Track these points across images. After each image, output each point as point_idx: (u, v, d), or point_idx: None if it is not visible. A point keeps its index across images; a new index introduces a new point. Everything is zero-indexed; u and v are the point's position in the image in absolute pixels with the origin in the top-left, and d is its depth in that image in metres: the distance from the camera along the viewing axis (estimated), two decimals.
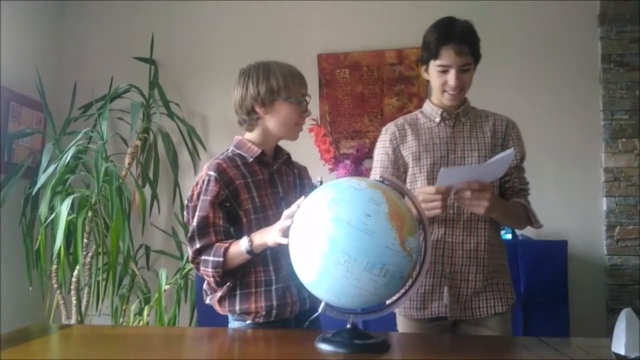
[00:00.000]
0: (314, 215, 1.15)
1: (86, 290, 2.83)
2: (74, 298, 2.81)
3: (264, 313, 1.50)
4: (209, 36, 3.30)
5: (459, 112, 1.71)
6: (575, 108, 3.00)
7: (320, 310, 1.22)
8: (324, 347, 1.18)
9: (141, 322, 2.73)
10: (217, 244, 1.48)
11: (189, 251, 1.53)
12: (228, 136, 3.38)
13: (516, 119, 1.69)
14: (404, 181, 1.71)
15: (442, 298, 1.62)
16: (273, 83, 1.56)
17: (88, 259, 2.83)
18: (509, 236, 2.71)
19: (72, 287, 2.81)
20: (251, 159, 1.57)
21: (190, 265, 2.83)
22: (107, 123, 2.89)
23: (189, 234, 1.52)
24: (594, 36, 3.06)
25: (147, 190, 3.02)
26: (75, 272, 2.79)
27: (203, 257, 1.48)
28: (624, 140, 2.97)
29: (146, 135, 3.09)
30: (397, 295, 1.23)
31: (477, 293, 1.63)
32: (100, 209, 2.82)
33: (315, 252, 1.11)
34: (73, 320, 2.81)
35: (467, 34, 1.63)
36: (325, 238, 1.09)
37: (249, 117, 1.60)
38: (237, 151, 1.60)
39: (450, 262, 1.63)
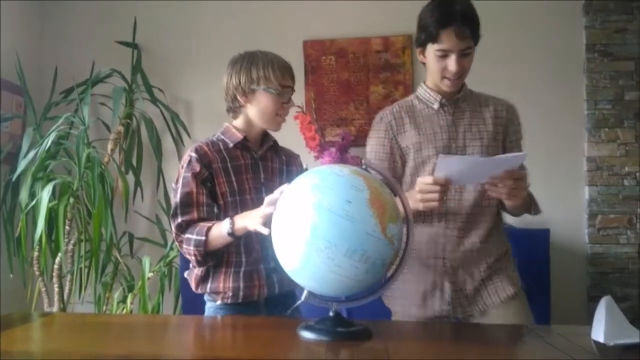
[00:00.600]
0: (296, 202, 1.15)
1: (68, 277, 2.80)
2: (56, 286, 2.78)
3: (230, 294, 1.54)
4: (194, 21, 3.25)
5: (459, 98, 1.63)
6: (559, 97, 3.02)
7: (302, 298, 1.22)
8: (306, 334, 1.18)
9: (124, 310, 2.71)
10: (201, 223, 1.50)
11: (172, 228, 1.54)
12: (212, 123, 3.35)
13: None
14: (403, 173, 1.64)
15: (443, 296, 1.55)
16: (254, 73, 1.59)
17: (70, 246, 2.80)
18: None
19: (54, 274, 2.78)
20: (232, 145, 1.61)
21: (175, 253, 2.85)
22: (88, 108, 2.85)
23: (171, 210, 1.55)
24: (579, 26, 3.07)
25: (130, 177, 2.99)
26: (57, 260, 2.76)
27: (186, 235, 1.50)
28: (606, 129, 2.99)
29: (129, 121, 3.05)
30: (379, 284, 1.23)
31: (483, 282, 1.56)
32: (82, 196, 2.78)
33: (297, 239, 1.11)
34: (55, 308, 2.79)
35: (468, 14, 1.53)
36: (306, 224, 1.09)
37: (233, 105, 1.65)
38: (222, 137, 1.65)
39: (452, 257, 1.56)
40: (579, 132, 3.02)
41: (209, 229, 1.47)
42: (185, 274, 1.65)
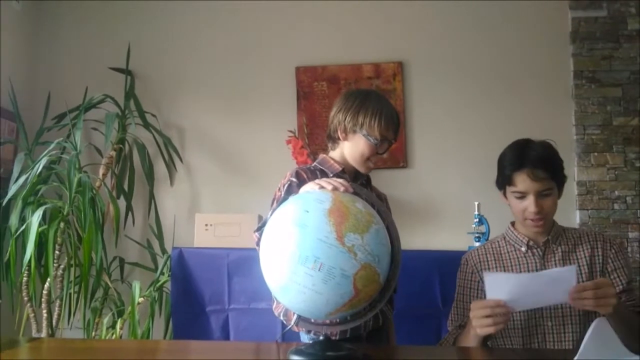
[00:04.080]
0: (272, 221, 1.20)
1: (57, 303, 2.76)
2: (44, 311, 2.73)
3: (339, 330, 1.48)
4: (187, 47, 3.28)
5: (549, 239, 1.57)
6: (549, 123, 3.05)
7: (292, 322, 1.22)
8: (296, 358, 1.17)
9: (114, 336, 2.67)
10: None
11: (255, 238, 1.50)
12: (204, 147, 3.40)
13: (490, 133, 1.71)
14: None
15: None
16: (360, 117, 1.61)
17: (60, 271, 2.77)
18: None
19: (43, 300, 2.74)
20: (331, 175, 1.61)
21: (165, 278, 2.83)
22: (81, 133, 2.85)
23: (260, 224, 1.50)
24: (566, 53, 3.13)
25: (122, 202, 2.98)
26: (47, 285, 2.73)
27: None
28: (595, 154, 3.03)
29: (121, 146, 3.05)
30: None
31: None
32: (73, 221, 2.77)
33: (271, 256, 1.15)
34: (44, 334, 2.74)
35: (543, 157, 1.51)
36: (272, 239, 1.15)
37: (333, 136, 1.69)
38: (320, 166, 1.68)
39: None
40: (568, 157, 3.04)
41: None
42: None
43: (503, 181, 1.56)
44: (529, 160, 1.49)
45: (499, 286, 1.33)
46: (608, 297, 1.31)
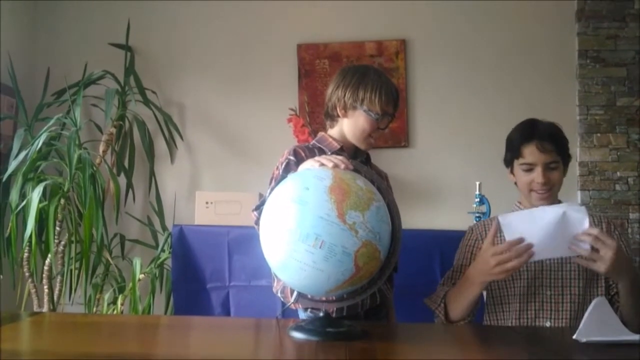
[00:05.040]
0: (272, 198, 1.19)
1: (59, 279, 2.78)
2: (45, 287, 2.75)
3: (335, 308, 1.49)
4: (187, 24, 3.25)
5: None
6: (552, 102, 3.03)
7: (292, 299, 1.22)
8: (297, 335, 1.18)
9: (115, 312, 2.69)
10: None
11: (254, 217, 1.49)
12: (205, 125, 3.38)
13: (492, 112, 1.71)
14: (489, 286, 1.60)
15: None
16: (360, 93, 1.59)
17: (61, 248, 2.78)
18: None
19: (44, 275, 2.75)
20: (330, 153, 1.58)
21: (166, 255, 2.84)
22: (80, 109, 2.83)
23: (259, 202, 1.49)
24: (571, 32, 3.09)
25: (122, 179, 2.98)
26: (47, 261, 2.74)
27: None
28: (598, 135, 3.01)
29: (121, 122, 3.04)
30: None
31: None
32: (74, 197, 2.77)
33: (270, 232, 1.14)
34: (45, 309, 2.76)
35: (550, 131, 1.58)
36: (272, 216, 1.15)
37: (331, 113, 1.67)
38: (318, 145, 1.66)
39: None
40: (571, 138, 2.95)
41: None
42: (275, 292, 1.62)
43: (512, 156, 1.61)
44: (538, 133, 1.55)
45: (514, 228, 1.37)
46: (607, 249, 1.32)
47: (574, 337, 1.13)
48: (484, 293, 1.64)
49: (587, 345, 1.12)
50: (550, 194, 1.58)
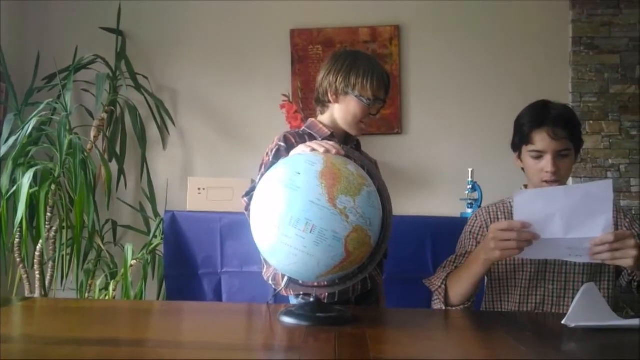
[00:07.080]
0: (262, 183, 1.18)
1: (50, 264, 2.77)
2: (37, 273, 2.75)
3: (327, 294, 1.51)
4: (179, 9, 3.21)
5: None
6: (545, 89, 3.01)
7: (282, 285, 1.22)
8: (287, 319, 1.18)
9: (107, 297, 2.69)
10: None
11: (244, 203, 1.49)
12: (197, 111, 3.35)
13: (485, 99, 1.70)
14: (493, 275, 1.58)
15: None
16: (352, 78, 1.58)
17: (52, 233, 2.77)
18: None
19: (35, 261, 2.75)
20: (320, 139, 1.57)
21: (158, 241, 2.83)
22: (71, 94, 2.81)
23: (249, 189, 1.49)
24: (565, 19, 3.08)
25: (114, 165, 2.96)
26: (39, 247, 2.73)
27: None
28: (591, 122, 3.02)
29: (112, 108, 3.01)
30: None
31: None
32: (64, 183, 2.75)
33: (259, 217, 1.14)
34: (37, 295, 2.76)
35: (563, 116, 1.50)
36: (262, 200, 1.14)
37: (322, 99, 1.65)
38: (308, 131, 1.65)
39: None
40: None
41: None
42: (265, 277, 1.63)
43: (521, 141, 1.54)
44: (550, 119, 1.48)
45: (529, 206, 1.27)
46: (627, 249, 1.25)
47: (563, 322, 1.14)
48: (485, 279, 1.61)
49: (575, 330, 1.13)
50: (559, 183, 1.53)
